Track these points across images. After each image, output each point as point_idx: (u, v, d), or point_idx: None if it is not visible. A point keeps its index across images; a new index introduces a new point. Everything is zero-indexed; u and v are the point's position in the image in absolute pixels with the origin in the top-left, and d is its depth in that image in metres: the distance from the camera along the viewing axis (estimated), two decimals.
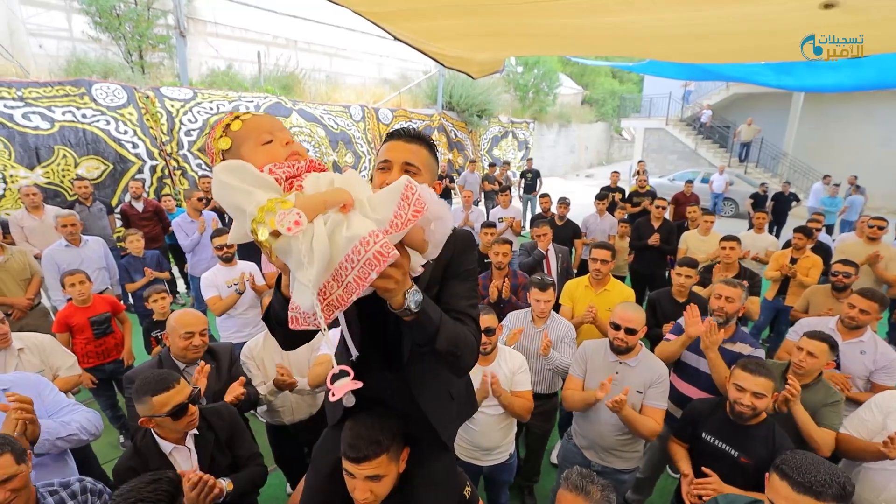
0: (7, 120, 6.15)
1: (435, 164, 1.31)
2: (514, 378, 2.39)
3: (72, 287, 3.28)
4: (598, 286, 3.41)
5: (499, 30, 2.98)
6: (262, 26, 11.81)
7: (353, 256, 0.82)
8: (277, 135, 0.98)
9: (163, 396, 1.64)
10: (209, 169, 8.14)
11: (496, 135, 16.85)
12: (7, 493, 1.34)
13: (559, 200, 5.95)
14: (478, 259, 1.37)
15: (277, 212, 0.80)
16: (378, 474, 1.26)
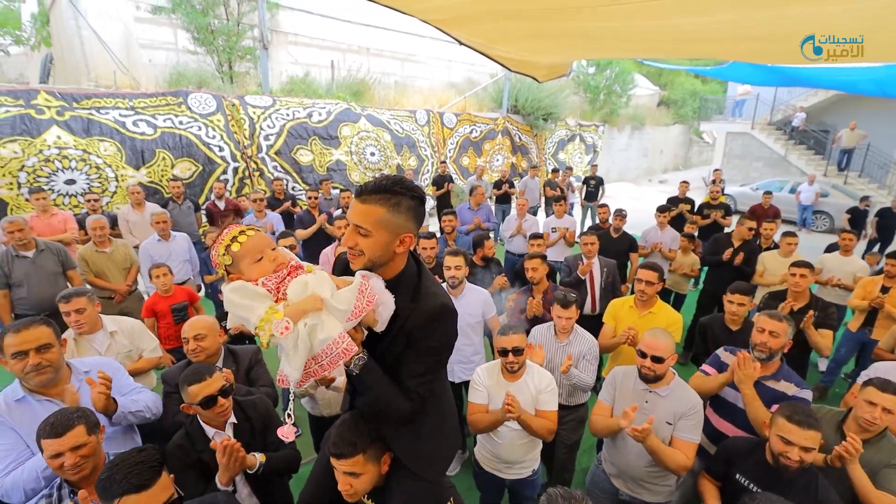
0: (121, 127, 7.11)
1: (399, 217, 1.28)
2: (540, 397, 2.39)
3: (157, 278, 3.77)
4: (642, 308, 3.28)
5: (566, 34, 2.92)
6: (338, 35, 12.51)
7: (328, 350, 1.20)
8: (266, 252, 1.27)
9: (195, 387, 1.87)
10: (283, 172, 8.81)
11: (562, 138, 16.47)
12: (78, 458, 1.59)
13: (615, 212, 5.75)
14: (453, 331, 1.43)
15: (273, 321, 1.14)
16: (355, 471, 1.47)
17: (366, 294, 1.25)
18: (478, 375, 2.49)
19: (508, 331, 2.36)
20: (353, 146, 9.89)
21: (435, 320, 1.34)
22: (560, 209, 6.25)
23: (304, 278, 1.24)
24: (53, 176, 6.54)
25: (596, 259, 4.35)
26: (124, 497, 1.36)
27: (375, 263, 1.32)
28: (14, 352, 1.85)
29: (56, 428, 1.58)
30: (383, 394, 1.33)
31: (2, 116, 6.24)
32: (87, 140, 6.81)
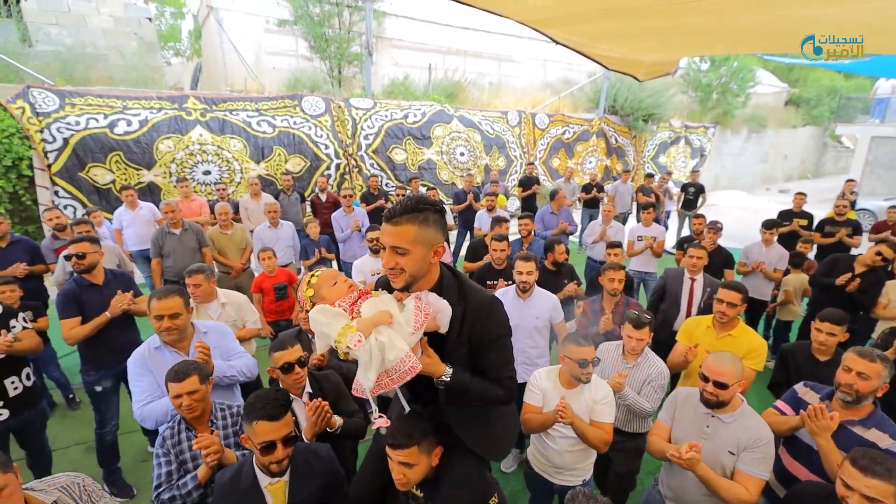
0: (247, 126, 8.23)
1: (430, 230, 1.42)
2: (596, 407, 2.37)
3: (263, 260, 4.39)
4: (721, 329, 3.08)
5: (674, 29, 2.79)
6: (438, 39, 13.03)
7: (398, 367, 1.37)
8: (339, 278, 1.55)
9: (278, 353, 2.24)
10: (378, 169, 9.48)
11: (665, 140, 15.42)
12: (191, 401, 1.97)
13: (709, 224, 5.36)
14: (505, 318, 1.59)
15: (348, 335, 1.35)
16: (409, 462, 1.62)
17: (422, 309, 1.42)
18: (535, 378, 2.56)
19: (583, 341, 2.37)
20: (445, 146, 10.30)
21: (489, 310, 1.51)
22: (647, 216, 5.98)
23: (373, 299, 1.45)
24: (195, 167, 7.79)
25: (700, 276, 4.07)
26: (259, 421, 1.70)
27: (416, 277, 1.46)
28: (155, 314, 2.39)
29: (178, 375, 2.01)
30: (480, 391, 1.52)
31: (162, 118, 7.58)
32: (222, 137, 7.99)
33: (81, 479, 1.71)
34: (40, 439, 3.02)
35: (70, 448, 3.68)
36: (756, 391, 3.49)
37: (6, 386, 2.76)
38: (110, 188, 7.21)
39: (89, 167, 7.05)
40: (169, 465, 1.98)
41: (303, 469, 1.84)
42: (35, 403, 2.95)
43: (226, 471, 1.85)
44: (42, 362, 4.05)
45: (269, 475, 1.78)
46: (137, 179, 7.36)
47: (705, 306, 3.97)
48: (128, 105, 7.47)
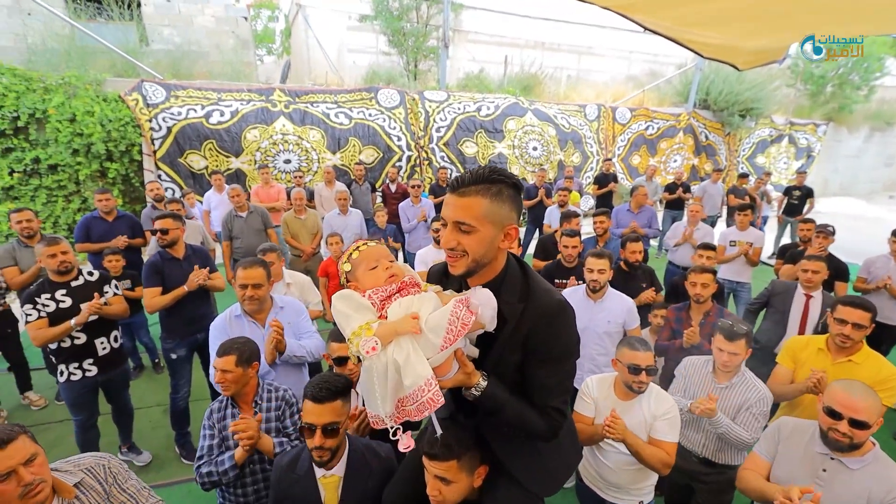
0: (326, 118, 8.55)
1: (502, 207, 1.17)
2: (655, 424, 2.08)
3: (331, 245, 4.48)
4: (838, 353, 2.54)
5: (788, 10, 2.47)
6: (515, 31, 12.72)
7: (415, 396, 1.10)
8: (382, 262, 1.28)
9: (335, 345, 2.20)
10: (448, 162, 9.44)
11: (765, 139, 13.87)
12: (223, 379, 1.97)
13: (819, 228, 4.63)
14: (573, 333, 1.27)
15: (362, 337, 1.11)
16: (446, 477, 1.39)
17: (460, 317, 1.11)
18: (587, 385, 2.30)
19: (638, 346, 2.11)
20: (517, 140, 10.02)
21: (554, 319, 1.20)
22: (744, 219, 5.32)
23: (410, 299, 1.19)
24: (277, 156, 8.24)
25: (819, 293, 3.51)
26: (305, 400, 1.65)
27: (479, 263, 1.20)
28: (240, 283, 2.48)
29: (220, 349, 2.05)
30: (515, 416, 1.24)
31: (250, 109, 8.10)
32: (302, 128, 8.37)
33: (107, 461, 1.67)
34: (123, 396, 3.30)
35: (152, 408, 4.00)
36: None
37: (96, 345, 3.02)
38: (203, 173, 7.84)
39: (187, 153, 7.71)
40: (212, 438, 2.01)
41: (359, 466, 1.74)
42: (120, 363, 3.22)
43: (285, 454, 1.81)
44: (135, 327, 4.45)
45: (319, 466, 1.70)
46: (227, 166, 7.93)
47: (822, 327, 3.38)
48: (222, 97, 8.07)
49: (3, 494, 1.33)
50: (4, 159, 6.84)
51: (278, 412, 2.10)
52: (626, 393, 2.15)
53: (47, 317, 2.85)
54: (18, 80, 6.82)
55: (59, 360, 2.96)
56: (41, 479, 1.40)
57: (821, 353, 2.65)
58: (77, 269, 3.03)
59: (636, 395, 2.13)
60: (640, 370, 2.07)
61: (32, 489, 1.37)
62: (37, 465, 1.41)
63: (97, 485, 1.59)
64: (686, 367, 2.62)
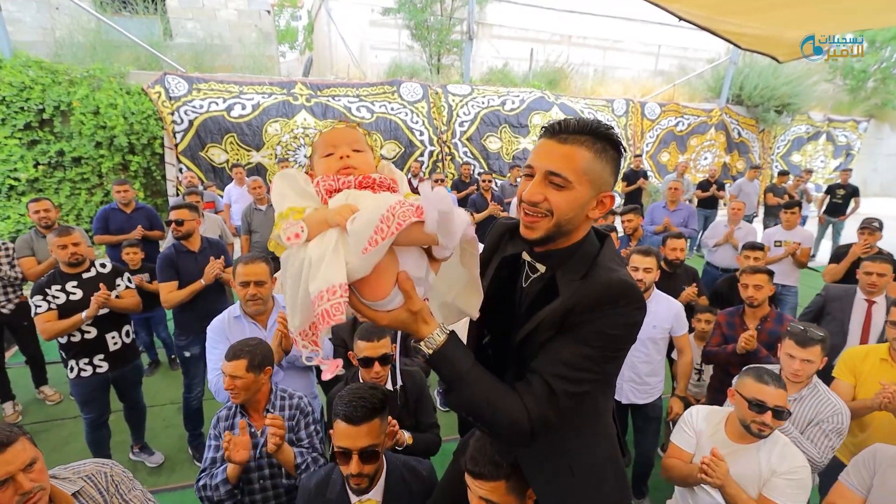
0: (348, 111, 8.41)
1: (605, 166, 0.98)
2: (773, 480, 1.71)
3: None
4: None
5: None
6: (540, 24, 12.38)
7: (314, 304, 0.83)
8: (340, 149, 1.00)
9: (363, 343, 1.97)
10: (472, 157, 9.19)
11: (801, 136, 13.24)
12: (232, 385, 1.79)
13: (863, 225, 4.20)
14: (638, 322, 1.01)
15: (290, 220, 0.88)
16: (492, 500, 1.18)
17: (397, 215, 0.81)
18: (690, 415, 1.98)
19: (769, 379, 1.72)
20: None
21: (604, 299, 0.96)
22: (792, 217, 4.94)
23: (364, 193, 0.92)
24: (297, 150, 8.13)
25: (882, 299, 3.14)
26: (337, 421, 1.41)
27: (561, 230, 1.00)
28: (240, 281, 2.28)
29: (229, 353, 1.85)
30: (478, 393, 0.95)
31: (272, 103, 8.00)
32: (324, 122, 8.23)
33: (109, 469, 1.55)
34: (136, 393, 3.16)
35: (166, 406, 3.87)
36: None
37: (107, 340, 2.89)
38: (224, 167, 7.77)
39: (208, 147, 7.65)
40: (217, 450, 1.82)
41: (399, 489, 1.51)
42: (132, 359, 3.09)
43: (311, 476, 1.59)
44: (154, 321, 4.34)
45: (354, 492, 1.48)
46: (247, 160, 7.84)
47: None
48: (243, 90, 7.99)
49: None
50: (30, 151, 6.88)
51: (292, 422, 1.89)
52: (742, 434, 1.79)
53: (57, 309, 2.73)
54: (45, 73, 6.84)
55: (68, 355, 2.85)
56: (40, 487, 1.29)
57: (885, 363, 2.37)
58: (89, 260, 2.90)
59: (755, 440, 1.77)
60: (765, 409, 1.69)
61: (31, 497, 1.26)
62: (36, 472, 1.30)
63: (97, 494, 1.47)
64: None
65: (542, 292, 1.05)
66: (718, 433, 1.86)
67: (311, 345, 0.93)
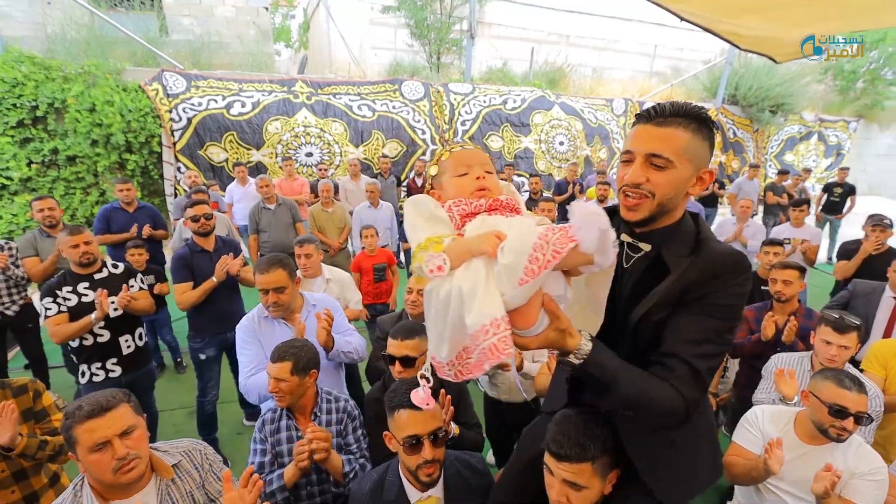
0: (349, 110, 8.31)
1: (702, 145, 1.01)
2: (852, 482, 1.69)
3: (365, 238, 4.20)
4: None
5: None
6: (538, 24, 12.39)
7: (475, 339, 0.82)
8: (474, 169, 1.01)
9: (395, 342, 1.91)
10: None
11: (794, 135, 13.42)
12: (278, 388, 1.73)
13: (873, 222, 4.20)
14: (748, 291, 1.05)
15: (430, 252, 0.86)
16: (577, 482, 1.15)
17: (551, 242, 0.79)
18: (755, 415, 1.95)
19: (850, 383, 1.67)
20: (543, 134, 9.70)
21: (725, 273, 1.00)
22: (800, 215, 4.97)
23: (500, 218, 0.92)
24: (298, 149, 8.01)
25: None
26: (401, 410, 1.40)
27: (663, 209, 1.03)
28: (260, 288, 2.21)
29: (274, 355, 1.78)
30: (632, 389, 0.97)
31: (272, 101, 7.88)
32: (324, 120, 8.14)
33: (203, 447, 1.58)
34: (148, 399, 3.05)
35: (175, 411, 3.76)
36: None
37: (120, 343, 2.78)
38: (223, 166, 7.63)
39: (207, 145, 7.51)
40: (264, 454, 1.75)
41: (457, 483, 1.48)
42: (145, 363, 2.98)
43: (363, 480, 1.54)
44: (158, 324, 4.22)
45: (418, 488, 1.44)
46: (247, 158, 7.71)
47: None
48: (243, 88, 7.85)
49: (98, 464, 1.25)
50: (23, 150, 6.68)
51: (340, 426, 1.82)
52: (814, 436, 1.76)
53: (68, 311, 2.61)
54: (38, 69, 6.65)
55: (80, 359, 2.73)
56: (136, 455, 1.31)
57: None
58: (101, 260, 2.79)
59: (827, 442, 1.73)
60: (846, 415, 1.64)
61: (125, 464, 1.28)
62: (134, 439, 1.32)
63: (193, 470, 1.52)
64: (776, 363, 2.32)
65: (649, 271, 1.08)
66: (788, 434, 1.82)
67: (463, 373, 0.90)
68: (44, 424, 1.94)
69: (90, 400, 1.29)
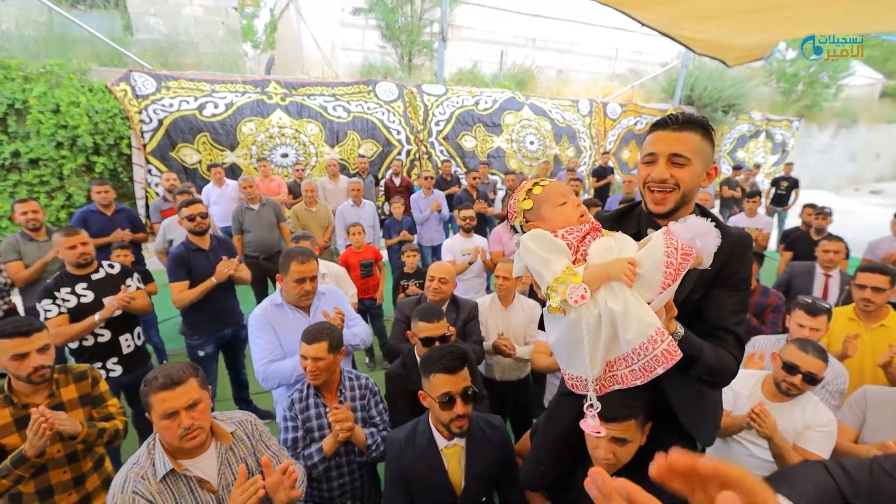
0: (324, 111, 8.34)
1: (709, 146, 1.24)
2: (808, 433, 1.95)
3: (353, 235, 4.34)
4: (868, 320, 2.68)
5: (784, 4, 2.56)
6: (506, 27, 12.74)
7: (641, 350, 0.96)
8: (570, 198, 1.18)
9: (423, 324, 2.12)
10: (448, 156, 9.34)
11: (744, 134, 14.33)
12: (315, 368, 1.89)
13: (816, 211, 4.78)
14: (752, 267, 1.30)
15: (569, 284, 0.98)
16: (625, 437, 1.34)
17: (679, 248, 0.97)
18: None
19: (810, 349, 1.95)
20: (515, 134, 10.01)
21: (744, 248, 1.26)
22: (753, 205, 5.45)
23: (606, 240, 1.08)
24: (273, 150, 7.98)
25: (836, 272, 3.62)
26: (437, 374, 1.61)
27: (686, 199, 1.23)
28: (296, 278, 2.32)
29: (310, 336, 1.92)
30: (712, 358, 1.19)
31: (245, 102, 7.81)
32: (299, 121, 8.13)
33: (253, 418, 1.74)
34: None
35: None
36: None
37: (121, 343, 2.82)
38: (196, 168, 7.51)
39: (179, 147, 7.38)
40: (296, 431, 1.89)
41: (479, 436, 1.71)
42: (144, 362, 3.01)
43: (398, 430, 1.76)
44: (145, 325, 4.19)
45: (446, 436, 1.67)
46: (221, 160, 7.62)
47: (844, 303, 3.49)
48: (215, 88, 7.75)
49: (167, 429, 1.44)
50: None
51: (363, 401, 1.99)
52: (776, 394, 2.02)
53: (68, 312, 2.64)
54: None
55: (80, 359, 2.74)
56: (199, 426, 1.48)
57: (852, 322, 2.76)
58: (97, 261, 2.82)
59: (788, 399, 2.00)
60: (796, 372, 1.93)
61: (189, 433, 1.45)
62: (198, 412, 1.49)
63: (246, 438, 1.67)
64: (755, 346, 2.60)
65: None
66: (755, 394, 2.09)
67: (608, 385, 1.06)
68: (101, 409, 2.05)
69: (164, 372, 1.46)
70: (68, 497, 1.89)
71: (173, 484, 1.47)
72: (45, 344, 1.84)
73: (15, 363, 1.78)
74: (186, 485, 1.49)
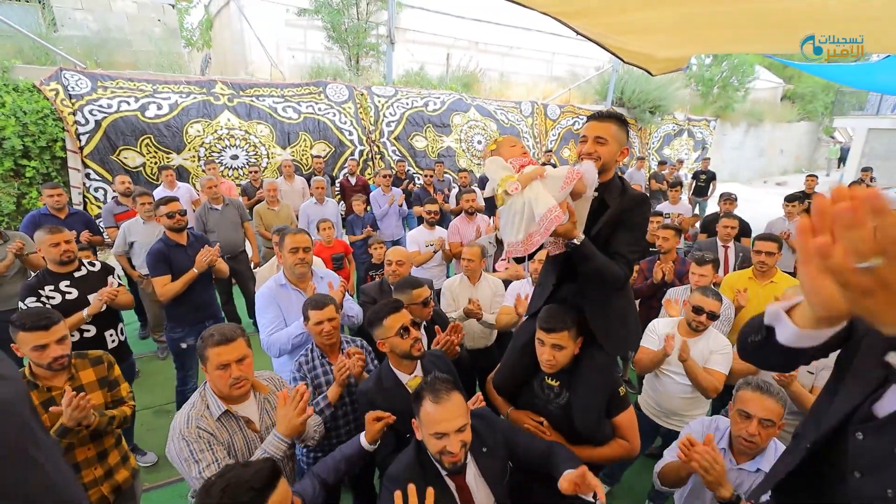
0: (273, 112, 8.30)
1: (623, 133, 1.75)
2: (712, 357, 2.54)
3: (323, 231, 4.51)
4: (762, 278, 3.37)
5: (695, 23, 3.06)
6: (449, 30, 13.16)
7: (544, 217, 1.52)
8: (518, 144, 1.76)
9: (416, 291, 2.43)
10: (400, 156, 9.59)
11: (669, 133, 15.72)
12: (332, 327, 2.20)
13: (723, 196, 5.66)
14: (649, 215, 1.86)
15: (508, 182, 1.57)
16: (561, 344, 1.80)
17: (573, 173, 1.59)
18: (654, 325, 2.78)
19: (709, 294, 2.57)
20: (463, 134, 10.44)
21: (641, 203, 1.76)
22: (675, 194, 6.23)
23: (537, 167, 1.66)
24: (223, 151, 7.85)
25: (732, 244, 4.46)
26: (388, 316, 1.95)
27: (605, 167, 1.74)
28: (290, 249, 2.57)
29: (319, 303, 2.20)
30: (602, 262, 1.69)
31: (191, 103, 7.63)
32: (249, 123, 8.06)
33: (279, 377, 2.05)
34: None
35: (140, 412, 3.76)
36: None
37: (106, 338, 2.88)
38: (140, 171, 7.25)
39: (120, 150, 7.09)
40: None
41: (430, 368, 2.05)
42: (126, 357, 3.08)
43: (366, 381, 2.05)
44: None
45: (407, 370, 2.01)
46: (168, 162, 7.40)
47: (741, 268, 4.25)
48: (158, 89, 7.51)
49: (220, 378, 1.70)
50: None
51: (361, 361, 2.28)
52: (689, 332, 2.60)
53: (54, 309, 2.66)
54: None
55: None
56: (245, 377, 1.73)
57: (751, 280, 3.46)
58: (79, 259, 2.85)
59: (697, 335, 2.58)
60: (702, 312, 2.52)
61: (238, 382, 1.71)
62: (245, 365, 1.74)
63: (276, 391, 1.94)
64: (672, 294, 3.26)
65: (597, 206, 1.78)
66: (674, 332, 2.65)
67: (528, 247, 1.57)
68: (115, 392, 2.19)
69: (219, 330, 1.73)
70: (94, 471, 2.02)
71: (227, 423, 1.75)
72: (63, 335, 1.98)
73: (36, 353, 1.91)
74: (237, 423, 1.77)
